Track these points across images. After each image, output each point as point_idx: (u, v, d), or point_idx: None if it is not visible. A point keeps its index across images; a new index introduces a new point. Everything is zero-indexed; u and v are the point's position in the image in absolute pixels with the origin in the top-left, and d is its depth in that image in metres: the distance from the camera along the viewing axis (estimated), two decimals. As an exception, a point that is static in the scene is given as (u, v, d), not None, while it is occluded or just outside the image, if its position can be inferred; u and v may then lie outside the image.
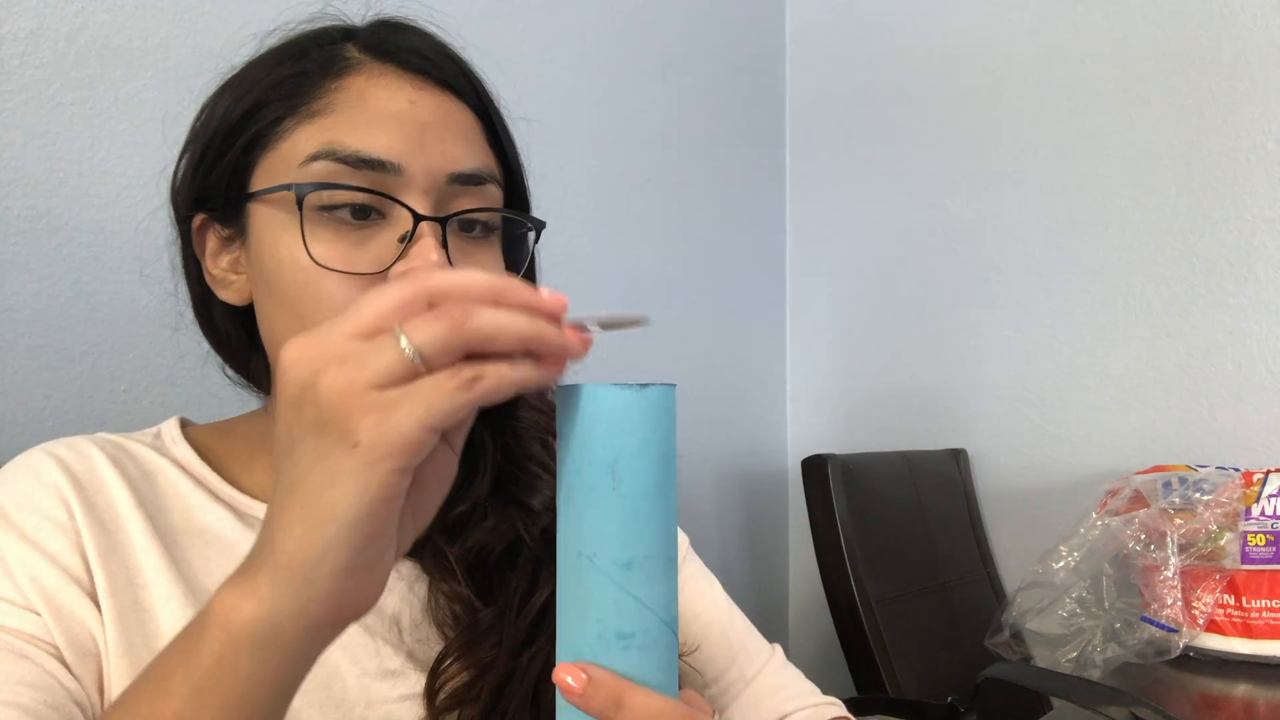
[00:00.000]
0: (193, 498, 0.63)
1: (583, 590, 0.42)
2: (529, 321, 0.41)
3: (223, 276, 0.64)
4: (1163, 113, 1.59)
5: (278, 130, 0.59)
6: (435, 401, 0.39)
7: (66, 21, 0.94)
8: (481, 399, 0.39)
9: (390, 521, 0.41)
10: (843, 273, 1.94)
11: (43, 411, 0.92)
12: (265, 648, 0.41)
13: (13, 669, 0.52)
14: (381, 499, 0.39)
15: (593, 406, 0.42)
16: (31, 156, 0.92)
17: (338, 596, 0.41)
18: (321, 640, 0.43)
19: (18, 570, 0.56)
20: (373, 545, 0.40)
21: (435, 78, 0.61)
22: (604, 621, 0.42)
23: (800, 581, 1.90)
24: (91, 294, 0.95)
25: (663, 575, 0.43)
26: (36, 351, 0.92)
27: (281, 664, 0.42)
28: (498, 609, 0.61)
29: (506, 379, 0.40)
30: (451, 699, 0.59)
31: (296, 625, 0.41)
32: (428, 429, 0.39)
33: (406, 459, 0.39)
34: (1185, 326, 1.57)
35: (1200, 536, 1.26)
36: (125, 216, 0.97)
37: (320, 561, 0.40)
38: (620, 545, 0.42)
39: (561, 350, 0.42)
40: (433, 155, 0.58)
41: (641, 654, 0.42)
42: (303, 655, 0.43)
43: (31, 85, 0.92)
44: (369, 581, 0.42)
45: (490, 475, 0.66)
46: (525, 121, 0.70)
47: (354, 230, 0.57)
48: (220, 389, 0.70)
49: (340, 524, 0.39)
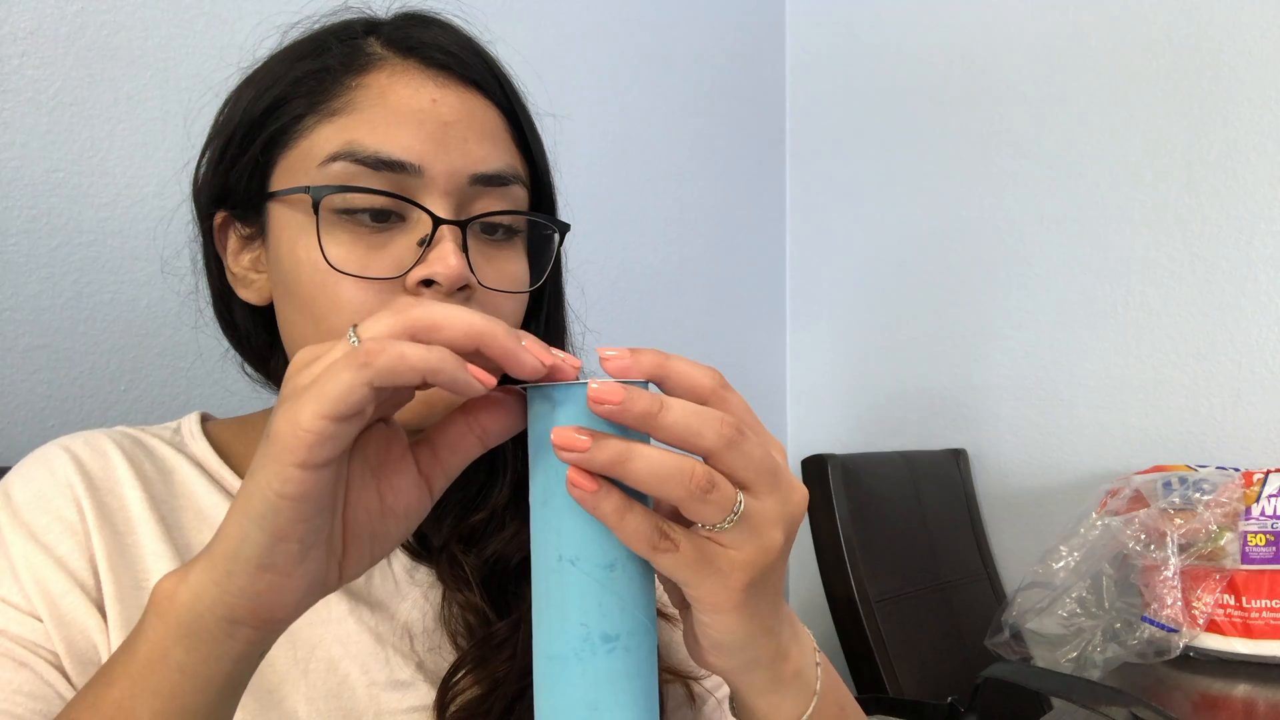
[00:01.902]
0: (208, 497, 0.62)
1: (564, 594, 0.41)
2: (482, 319, 0.40)
3: (244, 275, 0.63)
4: (1163, 113, 1.59)
5: (298, 128, 0.58)
6: (328, 387, 0.37)
7: (66, 21, 0.94)
8: (376, 377, 0.37)
9: (300, 524, 0.39)
10: (843, 273, 1.94)
11: (43, 411, 0.92)
12: (191, 638, 0.41)
13: (11, 677, 0.52)
14: (285, 495, 0.38)
15: (571, 406, 0.40)
16: (31, 156, 0.92)
17: (250, 594, 0.40)
18: (241, 638, 0.41)
19: (24, 573, 0.55)
20: (282, 545, 0.39)
21: (459, 74, 0.60)
22: (588, 625, 0.41)
23: (800, 581, 1.90)
24: (91, 294, 0.95)
25: (644, 575, 0.43)
26: (36, 351, 0.92)
27: (206, 657, 0.41)
28: (513, 622, 0.60)
29: (405, 358, 0.37)
30: (462, 712, 0.58)
31: (215, 615, 0.41)
32: (321, 417, 0.37)
33: (306, 452, 0.37)
34: (1185, 326, 1.57)
35: (1200, 536, 1.26)
36: (125, 216, 0.97)
37: (237, 554, 0.40)
38: (603, 547, 0.41)
39: (505, 355, 0.40)
40: (455, 155, 0.57)
41: (627, 655, 0.42)
42: (227, 652, 0.41)
43: (31, 85, 0.92)
44: (283, 586, 0.40)
45: (510, 484, 0.65)
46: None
47: (372, 233, 0.56)
48: (222, 388, 0.70)
49: (251, 517, 0.39)
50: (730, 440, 0.40)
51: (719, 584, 0.41)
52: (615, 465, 0.39)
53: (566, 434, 0.39)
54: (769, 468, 0.41)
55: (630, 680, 0.42)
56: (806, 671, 0.50)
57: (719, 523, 0.40)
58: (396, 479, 0.44)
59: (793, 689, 0.49)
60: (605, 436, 0.39)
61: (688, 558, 0.40)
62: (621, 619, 0.41)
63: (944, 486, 1.69)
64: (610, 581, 0.41)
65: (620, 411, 0.38)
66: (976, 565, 1.68)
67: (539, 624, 0.43)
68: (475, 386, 0.39)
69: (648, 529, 0.39)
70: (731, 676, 0.48)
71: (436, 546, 0.64)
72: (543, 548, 0.42)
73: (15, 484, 0.59)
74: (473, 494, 0.65)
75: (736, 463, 0.40)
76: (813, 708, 0.50)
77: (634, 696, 0.42)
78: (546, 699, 0.42)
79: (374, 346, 0.38)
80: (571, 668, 0.41)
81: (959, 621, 1.56)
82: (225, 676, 0.42)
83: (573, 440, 0.39)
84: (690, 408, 0.40)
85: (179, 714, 0.42)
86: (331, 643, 0.60)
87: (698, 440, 0.40)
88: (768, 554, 0.42)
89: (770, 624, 0.45)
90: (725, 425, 0.40)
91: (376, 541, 0.44)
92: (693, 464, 0.39)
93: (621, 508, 0.39)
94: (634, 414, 0.39)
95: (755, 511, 0.41)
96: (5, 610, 0.54)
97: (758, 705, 0.49)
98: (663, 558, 0.40)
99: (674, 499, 0.40)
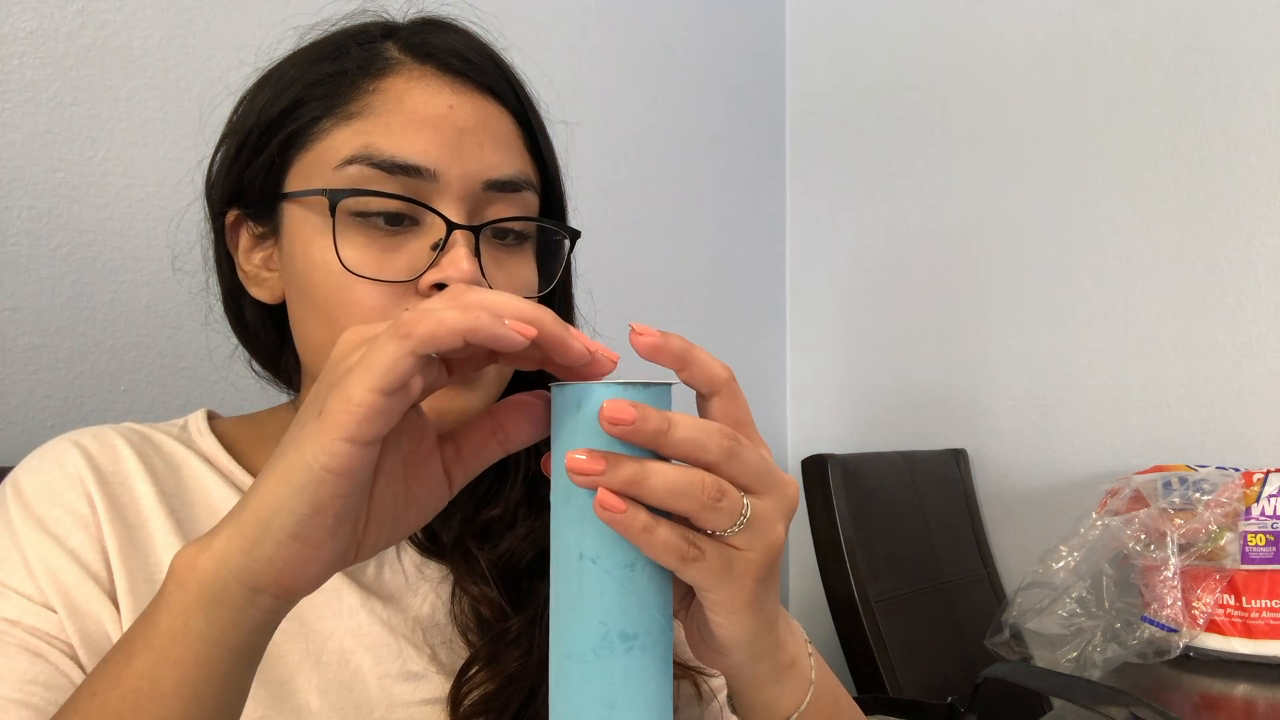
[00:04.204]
0: (218, 492, 0.62)
1: (584, 592, 0.42)
2: (532, 306, 0.41)
3: (255, 273, 0.63)
4: (1163, 113, 1.59)
5: (314, 130, 0.59)
6: (374, 362, 0.38)
7: (66, 21, 0.94)
8: (419, 345, 0.38)
9: (340, 497, 0.40)
10: (843, 273, 1.94)
11: (43, 411, 0.92)
12: (213, 606, 0.42)
13: (27, 667, 0.52)
14: (330, 468, 0.39)
15: (590, 405, 0.41)
16: (31, 156, 0.92)
17: (279, 562, 0.41)
18: (261, 606, 0.42)
19: (37, 565, 0.56)
20: (318, 517, 0.40)
21: (475, 80, 0.60)
22: (607, 624, 0.41)
23: (800, 581, 1.90)
24: (91, 294, 0.95)
25: (662, 576, 0.43)
26: (36, 351, 0.92)
27: (226, 626, 0.42)
28: (526, 618, 0.61)
29: (444, 323, 0.38)
30: (476, 707, 0.58)
31: (239, 582, 0.41)
32: (371, 390, 0.38)
33: (356, 427, 0.38)
34: (1185, 326, 1.57)
35: (1200, 536, 1.26)
36: (125, 216, 0.97)
37: (270, 522, 0.40)
38: (623, 547, 0.41)
39: (554, 340, 0.41)
40: (469, 161, 0.58)
41: (644, 654, 0.42)
42: (247, 620, 0.42)
43: (31, 85, 0.92)
44: (310, 557, 0.41)
45: (523, 480, 0.65)
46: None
47: (387, 236, 0.57)
48: (222, 388, 0.70)
49: (291, 485, 0.40)
50: (730, 451, 0.42)
51: (736, 586, 0.43)
52: (631, 486, 0.40)
53: (579, 460, 0.40)
54: (765, 469, 0.43)
55: (647, 679, 0.42)
56: (801, 660, 0.51)
57: (729, 528, 0.42)
58: (422, 470, 0.45)
59: (790, 679, 0.50)
60: (618, 458, 0.40)
61: (713, 565, 0.42)
62: (640, 618, 0.42)
63: (944, 486, 1.69)
64: (630, 581, 0.42)
65: (633, 432, 0.40)
66: (976, 565, 1.68)
67: (557, 621, 0.43)
68: (516, 339, 0.40)
69: (676, 541, 0.41)
70: (736, 672, 0.49)
71: (447, 542, 0.65)
72: (563, 545, 0.43)
73: (25, 478, 0.59)
74: (482, 492, 0.66)
75: (737, 470, 0.42)
76: (810, 697, 0.51)
77: (650, 695, 0.42)
78: (563, 696, 0.43)
79: (412, 317, 0.39)
80: (590, 665, 0.42)
81: (959, 621, 1.56)
82: (244, 646, 0.43)
83: (586, 465, 0.40)
84: (694, 423, 0.41)
85: (202, 683, 0.42)
86: (344, 635, 0.60)
87: (702, 455, 0.41)
88: (773, 550, 0.44)
89: (772, 617, 0.47)
90: (724, 437, 0.41)
91: (396, 527, 0.45)
92: (702, 476, 0.41)
93: (650, 524, 0.40)
94: (646, 433, 0.40)
95: (760, 511, 0.43)
96: (19, 602, 0.55)
97: (759, 699, 0.50)
98: (690, 568, 0.42)
99: (687, 511, 0.41)
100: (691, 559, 0.41)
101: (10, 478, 0.60)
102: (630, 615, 0.42)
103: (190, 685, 0.42)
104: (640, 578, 0.42)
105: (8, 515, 0.58)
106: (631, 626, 0.42)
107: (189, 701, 0.42)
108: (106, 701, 0.43)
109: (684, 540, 0.41)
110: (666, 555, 0.41)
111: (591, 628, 0.42)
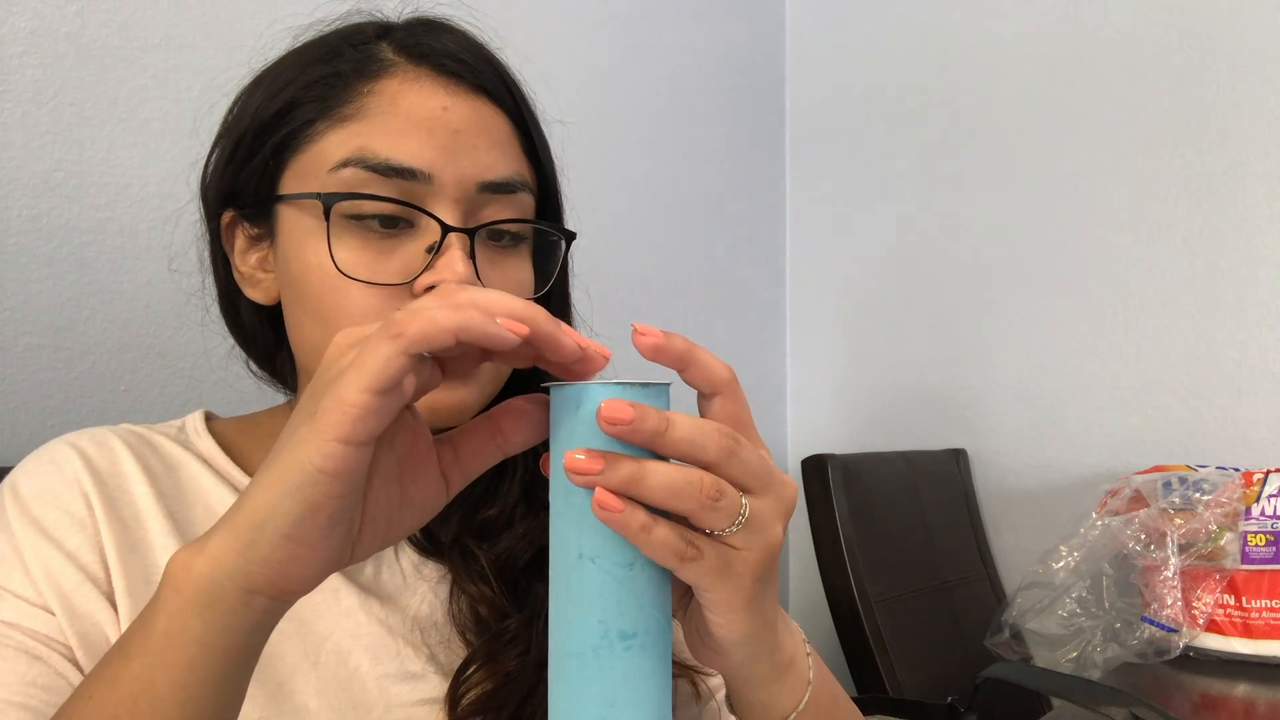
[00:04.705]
0: (215, 493, 0.62)
1: (583, 591, 0.42)
2: (524, 304, 0.41)
3: (251, 274, 0.63)
4: (1163, 114, 1.59)
5: (309, 133, 0.59)
6: (367, 362, 0.38)
7: (66, 21, 0.94)
8: (411, 344, 0.38)
9: (334, 498, 0.40)
10: (843, 273, 1.94)
11: (43, 411, 0.92)
12: (209, 608, 0.41)
13: (25, 670, 0.52)
14: (325, 469, 0.39)
15: (588, 405, 0.41)
16: (31, 156, 0.92)
17: (274, 563, 0.41)
18: (257, 607, 0.42)
19: (35, 568, 0.56)
20: (312, 518, 0.40)
21: (470, 81, 0.60)
22: (607, 623, 0.42)
23: (800, 581, 1.90)
24: (91, 294, 0.95)
25: (661, 575, 0.43)
26: (36, 351, 0.92)
27: (223, 629, 0.42)
28: (524, 618, 0.61)
29: (435, 321, 0.38)
30: (473, 706, 0.58)
31: (234, 584, 0.41)
32: (364, 390, 0.38)
33: (350, 427, 0.38)
34: (1185, 326, 1.57)
35: (1200, 536, 1.26)
36: (125, 216, 0.97)
37: (264, 523, 0.40)
38: (623, 545, 0.41)
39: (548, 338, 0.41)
40: (464, 163, 0.58)
41: (643, 653, 0.42)
42: (243, 622, 0.42)
43: (31, 85, 0.92)
44: (305, 558, 0.41)
45: (521, 481, 0.65)
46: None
47: (381, 238, 0.57)
48: (223, 387, 0.70)
49: (285, 486, 0.40)
50: (729, 451, 0.41)
51: (734, 585, 0.43)
52: (629, 485, 0.40)
53: (577, 460, 0.40)
54: (764, 469, 0.43)
55: (645, 678, 0.42)
56: (799, 659, 0.51)
57: (728, 528, 0.42)
58: (418, 471, 0.45)
59: (789, 679, 0.50)
60: (616, 458, 0.40)
61: (711, 564, 0.42)
62: (639, 617, 0.42)
63: (944, 486, 1.69)
64: (629, 580, 0.42)
65: (631, 432, 0.40)
66: (976, 565, 1.68)
67: (556, 620, 0.43)
68: (508, 337, 0.40)
69: (674, 540, 0.41)
70: (735, 672, 0.49)
71: (445, 542, 0.65)
72: (562, 545, 0.43)
73: (22, 480, 0.59)
74: (480, 492, 0.66)
75: (735, 470, 0.42)
76: (808, 696, 0.51)
77: (649, 694, 0.43)
78: (562, 695, 0.43)
79: (404, 317, 0.39)
80: (589, 664, 0.42)
81: (959, 621, 1.56)
82: (240, 648, 0.43)
83: (584, 465, 0.40)
84: (693, 422, 0.41)
85: (199, 685, 0.42)
86: (342, 635, 0.60)
87: (701, 454, 0.41)
88: (772, 549, 0.44)
89: (770, 616, 0.47)
90: (723, 437, 0.41)
91: (392, 528, 0.45)
92: (700, 475, 0.41)
93: (648, 524, 0.40)
94: (644, 433, 0.40)
95: (758, 511, 0.43)
96: (17, 604, 0.55)
97: (757, 698, 0.51)
98: (688, 567, 0.42)
99: (685, 511, 0.41)
100: (690, 558, 0.41)
101: (8, 480, 0.60)
102: (629, 614, 0.42)
103: (187, 688, 0.42)
104: (639, 577, 0.42)
105: (5, 518, 0.58)
106: (630, 625, 0.42)
107: (186, 704, 0.42)
108: (103, 704, 0.43)
109: (682, 540, 0.41)
110: (665, 554, 0.41)
111: (591, 627, 0.42)
